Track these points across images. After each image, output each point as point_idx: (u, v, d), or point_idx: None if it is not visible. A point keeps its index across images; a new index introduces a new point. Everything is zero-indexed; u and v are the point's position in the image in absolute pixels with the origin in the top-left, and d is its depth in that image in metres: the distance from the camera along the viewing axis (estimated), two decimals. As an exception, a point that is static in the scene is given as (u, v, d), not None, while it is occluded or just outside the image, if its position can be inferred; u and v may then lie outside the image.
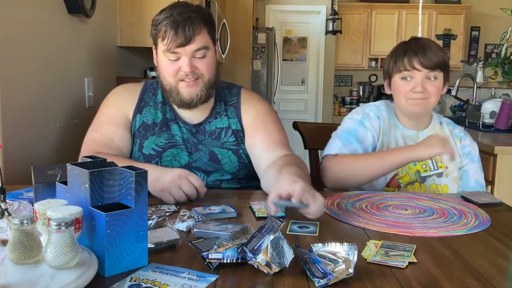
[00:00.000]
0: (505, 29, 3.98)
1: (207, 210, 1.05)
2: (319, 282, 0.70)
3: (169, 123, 1.40)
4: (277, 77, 5.25)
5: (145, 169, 0.75)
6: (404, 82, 1.45)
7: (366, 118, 1.50)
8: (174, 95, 1.33)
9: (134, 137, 1.39)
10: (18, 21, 1.40)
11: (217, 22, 3.41)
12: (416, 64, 1.42)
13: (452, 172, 1.51)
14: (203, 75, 1.32)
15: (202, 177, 1.36)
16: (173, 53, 1.28)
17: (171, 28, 1.26)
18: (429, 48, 1.42)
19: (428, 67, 1.41)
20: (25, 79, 1.46)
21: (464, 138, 1.55)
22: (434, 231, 0.98)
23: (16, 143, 1.40)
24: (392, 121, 1.53)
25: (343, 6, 5.90)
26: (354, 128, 1.49)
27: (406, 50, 1.45)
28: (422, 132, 1.52)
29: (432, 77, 1.43)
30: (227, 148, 1.39)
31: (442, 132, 1.53)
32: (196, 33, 1.27)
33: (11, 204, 0.87)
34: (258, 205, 1.13)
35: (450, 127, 1.57)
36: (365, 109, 1.54)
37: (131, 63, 2.52)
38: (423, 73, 1.42)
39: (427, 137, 1.40)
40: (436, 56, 1.41)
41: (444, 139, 1.36)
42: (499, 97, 3.51)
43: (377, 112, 1.52)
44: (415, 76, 1.43)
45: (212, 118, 1.42)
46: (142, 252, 0.76)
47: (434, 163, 1.49)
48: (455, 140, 1.54)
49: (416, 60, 1.41)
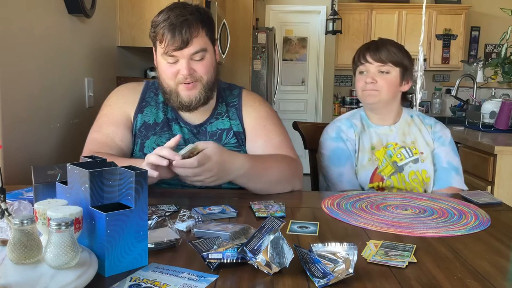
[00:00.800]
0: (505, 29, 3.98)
1: (207, 210, 1.05)
2: (319, 282, 0.70)
3: (171, 123, 1.40)
4: (277, 77, 5.25)
5: (145, 169, 0.75)
6: (360, 76, 1.59)
7: (340, 131, 1.61)
8: (174, 97, 1.33)
9: (135, 136, 1.39)
10: (18, 21, 1.40)
11: (217, 22, 3.42)
12: (368, 58, 1.55)
13: (427, 157, 1.58)
14: (202, 78, 1.32)
15: None
16: (171, 56, 1.28)
17: (168, 31, 1.26)
18: (384, 45, 1.56)
19: (378, 61, 1.53)
20: (25, 79, 1.46)
21: (434, 125, 1.64)
22: (434, 231, 0.98)
23: (16, 143, 1.40)
24: (365, 122, 1.64)
25: (343, 6, 5.90)
26: (336, 146, 1.60)
27: (362, 47, 1.61)
28: (393, 126, 1.62)
29: (384, 71, 1.54)
30: (229, 149, 1.39)
31: (413, 123, 1.63)
32: (194, 36, 1.27)
33: (11, 204, 0.87)
34: (258, 205, 1.13)
35: (421, 117, 1.66)
36: (336, 123, 1.66)
37: (131, 63, 2.52)
38: (374, 66, 1.54)
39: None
40: (387, 52, 1.53)
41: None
42: (499, 97, 3.52)
43: (348, 122, 1.64)
44: (368, 70, 1.56)
45: (213, 119, 1.42)
46: (142, 252, 0.76)
47: (409, 151, 1.58)
48: (426, 127, 1.63)
49: (368, 54, 1.55)
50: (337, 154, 1.58)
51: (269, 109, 1.48)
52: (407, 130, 1.61)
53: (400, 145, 1.59)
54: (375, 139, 1.60)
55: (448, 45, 6.06)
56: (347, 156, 1.57)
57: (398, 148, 1.58)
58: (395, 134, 1.60)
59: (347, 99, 6.31)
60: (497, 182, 2.40)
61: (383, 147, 1.58)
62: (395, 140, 1.59)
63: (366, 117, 1.65)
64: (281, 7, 5.88)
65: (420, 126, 1.63)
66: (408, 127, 1.62)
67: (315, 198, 1.26)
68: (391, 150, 1.58)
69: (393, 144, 1.59)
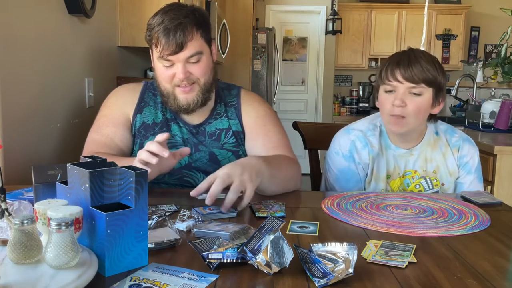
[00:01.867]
0: (505, 29, 3.99)
1: (207, 210, 1.05)
2: (319, 282, 0.70)
3: (169, 123, 1.40)
4: (277, 77, 5.25)
5: (145, 169, 0.75)
6: (386, 95, 1.37)
7: (353, 150, 1.44)
8: (172, 100, 1.33)
9: (134, 137, 1.39)
10: (18, 21, 1.40)
11: (217, 22, 3.42)
12: (398, 76, 1.33)
13: (448, 190, 1.45)
14: (199, 80, 1.31)
15: (202, 177, 1.36)
16: (167, 60, 1.28)
17: (162, 35, 1.25)
18: (416, 60, 1.32)
19: (409, 80, 1.32)
20: (26, 79, 1.46)
21: (462, 147, 1.45)
22: (434, 231, 0.98)
23: (16, 143, 1.41)
24: (383, 142, 1.46)
25: (343, 6, 5.90)
26: (347, 166, 1.44)
27: (392, 61, 1.36)
28: (414, 148, 1.44)
29: (416, 92, 1.33)
30: (227, 149, 1.40)
31: (438, 147, 1.45)
32: (188, 40, 1.26)
33: (11, 204, 0.87)
34: (258, 205, 1.13)
35: (447, 135, 1.47)
36: (352, 135, 1.46)
37: (131, 63, 2.52)
38: (405, 86, 1.33)
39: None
40: (421, 70, 1.31)
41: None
42: (499, 97, 3.52)
43: (364, 140, 1.44)
44: (397, 89, 1.34)
45: (212, 119, 1.42)
46: (142, 252, 0.76)
47: (429, 182, 1.43)
48: (452, 150, 1.45)
49: (398, 72, 1.33)
50: (346, 177, 1.45)
51: (268, 109, 1.47)
52: (429, 156, 1.43)
53: (420, 174, 1.43)
54: (392, 164, 1.43)
55: (448, 45, 6.06)
56: (356, 181, 1.44)
57: (417, 178, 1.42)
58: (416, 159, 1.43)
59: (347, 99, 6.30)
60: (497, 182, 2.40)
61: (399, 177, 1.43)
62: (414, 167, 1.43)
63: (386, 135, 1.46)
64: (281, 7, 5.88)
65: (446, 150, 1.44)
66: (431, 152, 1.44)
67: (315, 198, 1.26)
68: (409, 179, 1.43)
69: (412, 172, 1.43)
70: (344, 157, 1.46)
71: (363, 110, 6.05)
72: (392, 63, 1.36)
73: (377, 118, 1.50)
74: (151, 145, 1.09)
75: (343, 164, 1.45)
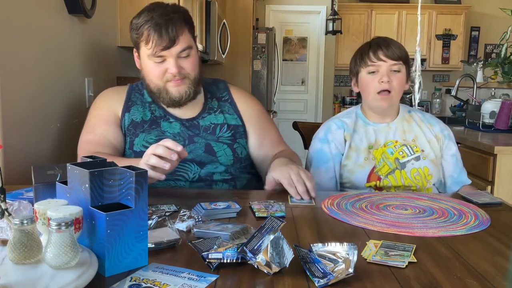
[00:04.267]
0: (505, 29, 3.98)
1: (212, 206, 1.06)
2: (319, 282, 0.70)
3: (159, 121, 1.41)
4: (277, 77, 5.25)
5: (145, 169, 0.75)
6: (371, 76, 1.53)
7: (328, 132, 1.59)
8: (164, 95, 1.35)
9: (124, 135, 1.40)
10: (18, 21, 1.40)
11: (217, 22, 3.42)
12: (381, 56, 1.49)
13: (429, 154, 1.56)
14: (189, 74, 1.35)
15: (196, 168, 1.37)
16: (159, 56, 1.29)
17: (154, 31, 1.27)
18: (392, 42, 1.53)
19: (392, 58, 1.49)
20: (25, 79, 1.46)
21: (435, 124, 1.62)
22: (434, 231, 0.98)
23: (16, 143, 1.40)
24: (361, 121, 1.61)
25: (343, 6, 5.90)
26: (320, 148, 1.58)
27: (370, 45, 1.54)
28: (392, 123, 1.59)
29: (396, 69, 1.51)
30: (223, 142, 1.42)
31: (412, 120, 1.61)
32: (179, 34, 1.29)
33: (11, 204, 0.87)
34: (258, 205, 1.13)
35: (419, 114, 1.65)
36: (329, 122, 1.63)
37: (131, 63, 2.50)
38: (388, 64, 1.49)
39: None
40: (398, 49, 1.50)
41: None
42: (499, 97, 3.52)
43: (340, 122, 1.60)
44: (380, 68, 1.50)
45: (206, 113, 1.45)
46: (142, 252, 0.76)
47: (410, 148, 1.57)
48: (427, 125, 1.61)
49: (381, 52, 1.50)
50: (317, 156, 1.58)
51: (261, 106, 1.56)
52: (407, 128, 1.59)
53: (401, 143, 1.57)
54: (373, 137, 1.57)
55: (448, 45, 6.06)
56: (325, 160, 1.56)
57: (399, 146, 1.56)
58: (394, 131, 1.58)
59: (347, 99, 6.31)
60: (497, 182, 2.40)
61: (381, 146, 1.56)
62: (395, 138, 1.57)
63: (362, 115, 1.62)
64: (281, 7, 5.89)
65: (420, 124, 1.60)
66: (408, 124, 1.60)
67: (315, 198, 1.26)
68: (392, 148, 1.56)
69: (393, 142, 1.57)
70: (319, 140, 1.60)
71: (363, 110, 6.04)
72: (372, 47, 1.53)
73: (354, 107, 1.68)
74: (159, 149, 1.06)
75: (317, 146, 1.60)
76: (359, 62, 1.56)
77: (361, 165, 1.54)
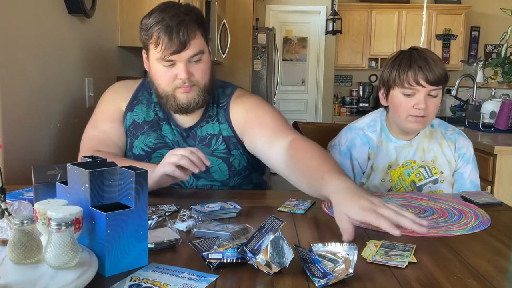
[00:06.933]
0: (505, 29, 3.99)
1: (212, 206, 1.06)
2: (319, 282, 0.70)
3: (161, 123, 1.37)
4: (277, 77, 5.25)
5: (145, 169, 0.75)
6: (406, 98, 1.39)
7: (352, 147, 1.48)
8: (171, 101, 1.28)
9: (126, 135, 1.39)
10: (18, 21, 1.40)
11: (217, 22, 3.42)
12: (421, 80, 1.35)
13: (447, 177, 1.50)
14: (199, 82, 1.27)
15: (192, 180, 1.34)
16: (168, 60, 1.22)
17: (164, 34, 1.19)
18: (434, 62, 1.36)
19: (433, 84, 1.36)
20: (25, 79, 1.46)
21: (457, 140, 1.52)
22: (434, 231, 0.98)
23: (16, 143, 1.41)
24: (384, 136, 1.50)
25: (343, 6, 5.90)
26: (340, 162, 1.42)
27: (411, 64, 1.37)
28: (414, 139, 1.49)
29: (434, 94, 1.38)
30: (217, 156, 1.35)
31: (434, 138, 1.51)
32: (191, 38, 1.21)
33: (11, 204, 0.87)
34: (290, 201, 1.17)
35: (442, 129, 1.54)
36: (353, 133, 1.49)
37: (131, 63, 2.51)
38: (426, 89, 1.37)
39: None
40: (440, 72, 1.36)
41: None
42: (499, 97, 3.52)
43: (365, 137, 1.49)
44: (418, 93, 1.37)
45: (204, 122, 1.37)
46: (142, 252, 0.76)
47: (428, 170, 1.48)
48: (448, 142, 1.52)
49: (422, 75, 1.35)
50: None
51: (257, 99, 1.39)
52: (427, 147, 1.49)
53: (419, 164, 1.48)
54: (394, 155, 1.48)
55: (448, 45, 6.06)
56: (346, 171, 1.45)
57: (416, 167, 1.48)
58: (415, 150, 1.48)
59: (347, 99, 6.31)
60: (497, 182, 2.40)
61: (399, 167, 1.47)
62: (413, 158, 1.48)
63: (386, 129, 1.50)
64: (281, 7, 5.88)
65: (441, 141, 1.51)
66: (428, 143, 1.50)
67: (316, 198, 1.26)
68: (409, 169, 1.48)
69: (411, 162, 1.48)
70: (340, 153, 1.50)
71: (363, 110, 6.05)
72: (412, 67, 1.36)
73: (378, 114, 1.55)
74: (193, 156, 1.11)
75: (337, 158, 1.48)
76: (394, 79, 1.40)
77: (376, 186, 1.48)
